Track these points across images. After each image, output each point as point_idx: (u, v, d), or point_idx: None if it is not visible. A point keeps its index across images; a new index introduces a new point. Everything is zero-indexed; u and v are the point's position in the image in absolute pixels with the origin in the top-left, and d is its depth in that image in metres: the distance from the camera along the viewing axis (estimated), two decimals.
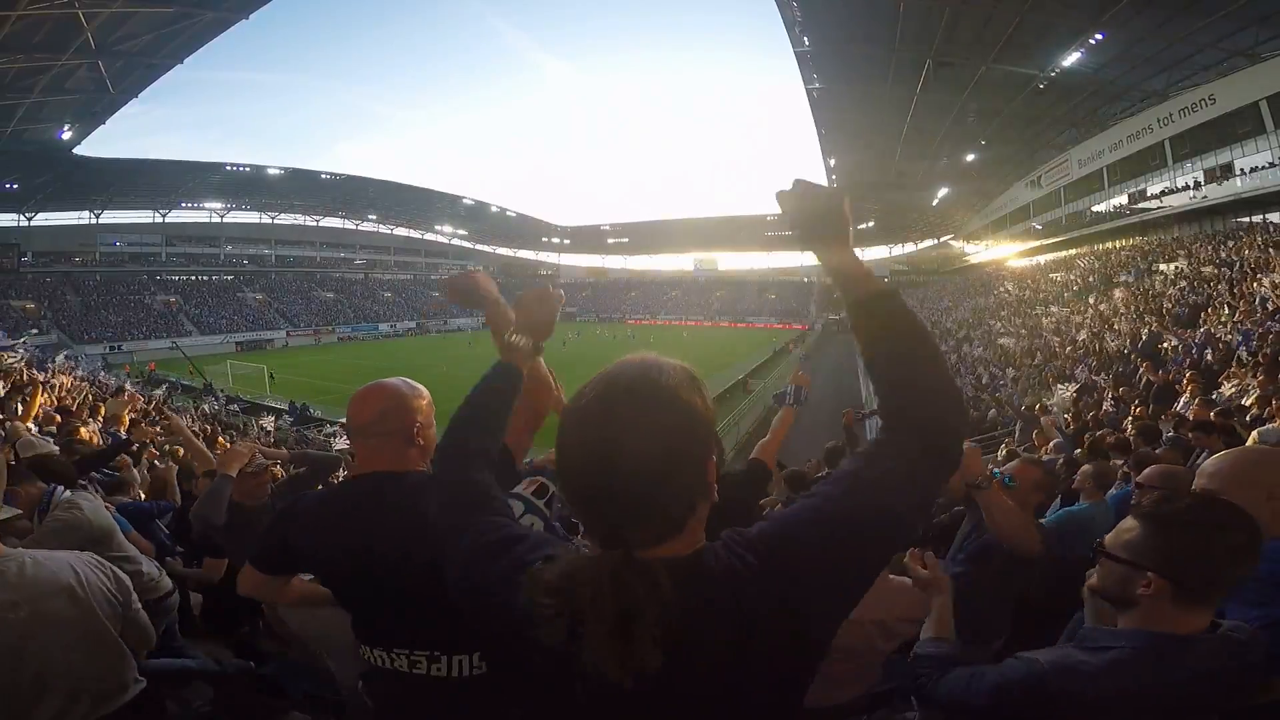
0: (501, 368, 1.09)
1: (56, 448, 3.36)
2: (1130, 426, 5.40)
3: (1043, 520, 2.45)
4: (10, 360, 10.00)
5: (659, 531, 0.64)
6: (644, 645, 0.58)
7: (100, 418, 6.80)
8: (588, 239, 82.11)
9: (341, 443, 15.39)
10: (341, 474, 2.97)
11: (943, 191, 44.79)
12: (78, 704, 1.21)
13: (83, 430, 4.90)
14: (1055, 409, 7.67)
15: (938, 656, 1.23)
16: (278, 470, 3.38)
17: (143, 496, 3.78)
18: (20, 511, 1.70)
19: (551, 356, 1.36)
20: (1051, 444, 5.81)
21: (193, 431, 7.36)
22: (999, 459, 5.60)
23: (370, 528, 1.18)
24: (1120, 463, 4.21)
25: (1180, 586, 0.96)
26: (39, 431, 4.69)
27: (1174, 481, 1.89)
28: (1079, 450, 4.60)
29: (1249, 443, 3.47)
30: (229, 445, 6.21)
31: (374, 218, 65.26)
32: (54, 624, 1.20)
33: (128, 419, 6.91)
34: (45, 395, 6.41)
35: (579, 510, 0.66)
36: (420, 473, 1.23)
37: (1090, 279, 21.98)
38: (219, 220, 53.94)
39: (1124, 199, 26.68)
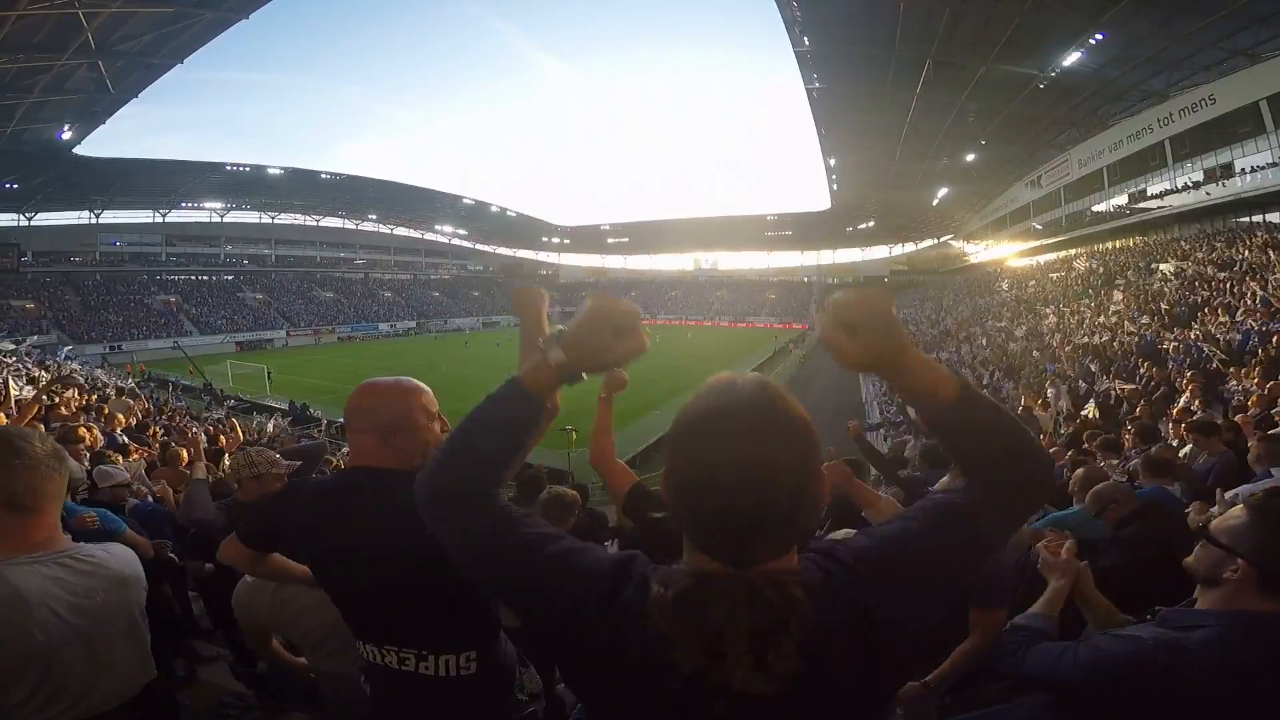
0: (509, 387, 0.84)
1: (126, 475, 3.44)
2: (1129, 426, 5.40)
3: (1035, 523, 2.45)
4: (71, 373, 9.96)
5: (789, 544, 0.66)
6: (787, 657, 0.60)
7: (103, 418, 6.80)
8: (588, 239, 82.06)
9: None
10: (338, 463, 3.02)
11: (943, 191, 44.77)
12: (123, 683, 1.28)
13: (82, 432, 4.89)
14: (1051, 404, 7.66)
15: (1034, 629, 1.28)
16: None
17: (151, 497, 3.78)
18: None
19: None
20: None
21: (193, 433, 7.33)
22: None
23: (358, 524, 1.18)
24: (1116, 462, 4.21)
25: (1265, 575, 1.04)
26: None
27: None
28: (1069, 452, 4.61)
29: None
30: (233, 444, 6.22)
31: (374, 218, 65.23)
32: (118, 611, 1.26)
33: (128, 421, 6.92)
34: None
35: (707, 527, 0.65)
36: (398, 471, 1.21)
37: (1090, 279, 21.98)
38: (219, 220, 53.93)
39: (1124, 199, 26.68)
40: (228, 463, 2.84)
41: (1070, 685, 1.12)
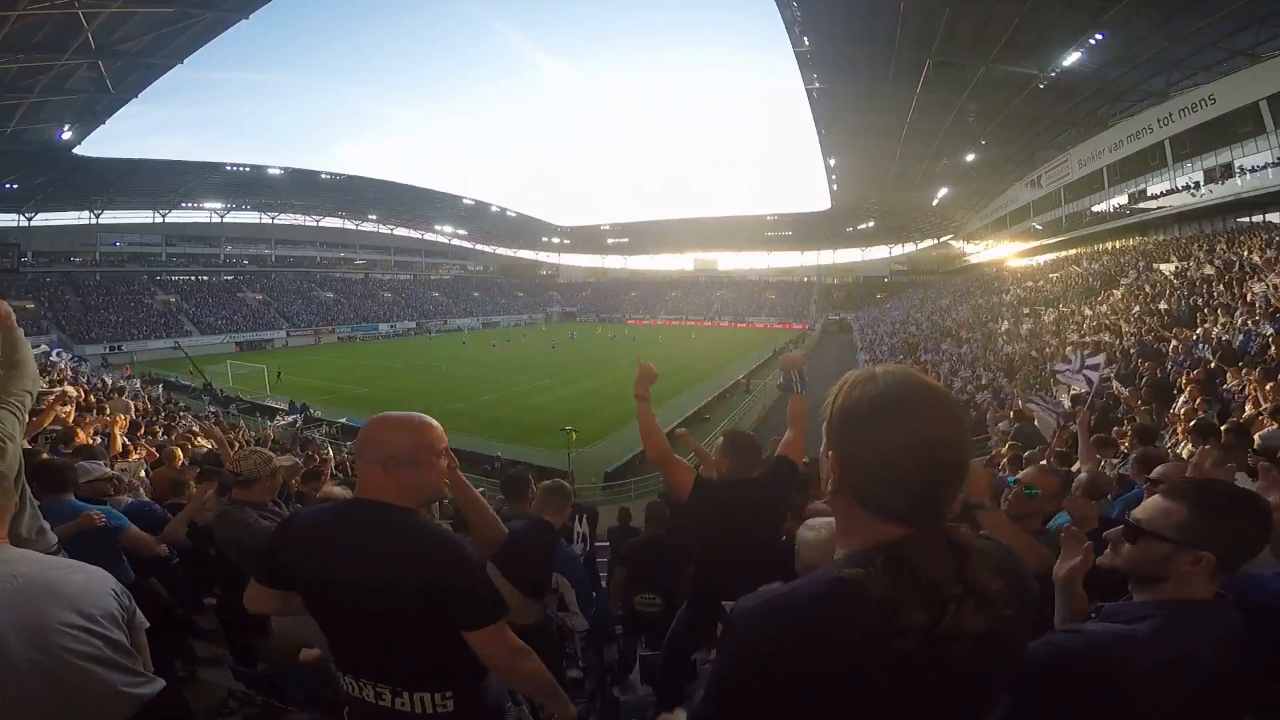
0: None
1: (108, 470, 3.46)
2: (1128, 426, 5.40)
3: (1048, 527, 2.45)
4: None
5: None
6: (999, 592, 0.69)
7: (103, 418, 6.79)
8: (587, 239, 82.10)
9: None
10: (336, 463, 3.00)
11: (943, 191, 44.79)
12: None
13: (80, 434, 4.89)
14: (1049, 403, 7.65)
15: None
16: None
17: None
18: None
19: (548, 357, 1.36)
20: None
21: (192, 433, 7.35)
22: (1002, 459, 5.59)
23: (344, 557, 1.19)
24: (1115, 461, 4.21)
25: (1223, 561, 1.10)
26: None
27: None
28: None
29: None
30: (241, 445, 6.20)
31: (374, 218, 65.27)
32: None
33: (126, 421, 6.91)
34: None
35: (933, 493, 0.72)
36: (394, 508, 1.22)
37: (1090, 279, 21.98)
38: (219, 220, 53.96)
39: (1124, 199, 26.69)
40: (235, 458, 2.77)
41: (1032, 683, 1.08)
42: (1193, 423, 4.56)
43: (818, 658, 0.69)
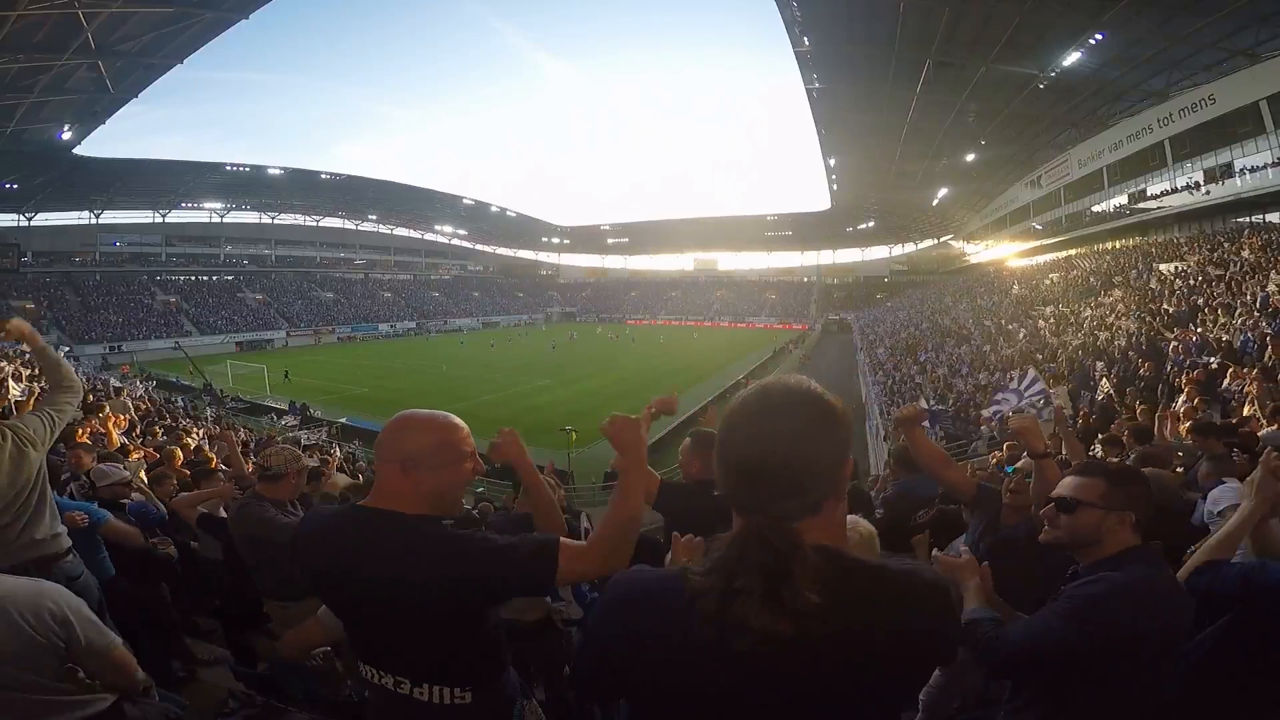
0: None
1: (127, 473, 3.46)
2: (1125, 426, 5.40)
3: None
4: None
5: (799, 506, 0.74)
6: (795, 595, 0.66)
7: (102, 416, 6.79)
8: (587, 239, 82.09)
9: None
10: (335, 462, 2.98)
11: (943, 191, 44.79)
12: None
13: (79, 432, 4.89)
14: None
15: (991, 618, 1.46)
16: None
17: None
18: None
19: (548, 357, 1.35)
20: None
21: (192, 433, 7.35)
22: (1001, 459, 5.60)
23: (355, 555, 1.17)
24: (1116, 460, 4.22)
25: (1138, 520, 1.37)
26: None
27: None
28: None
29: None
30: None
31: (374, 218, 65.27)
32: None
33: (125, 421, 6.92)
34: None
35: (738, 484, 0.76)
36: (417, 515, 1.17)
37: (1090, 279, 21.96)
38: (219, 220, 53.96)
39: (1124, 199, 26.69)
40: (266, 453, 2.70)
41: (1067, 642, 1.28)
42: (1189, 422, 4.56)
43: (642, 632, 0.76)
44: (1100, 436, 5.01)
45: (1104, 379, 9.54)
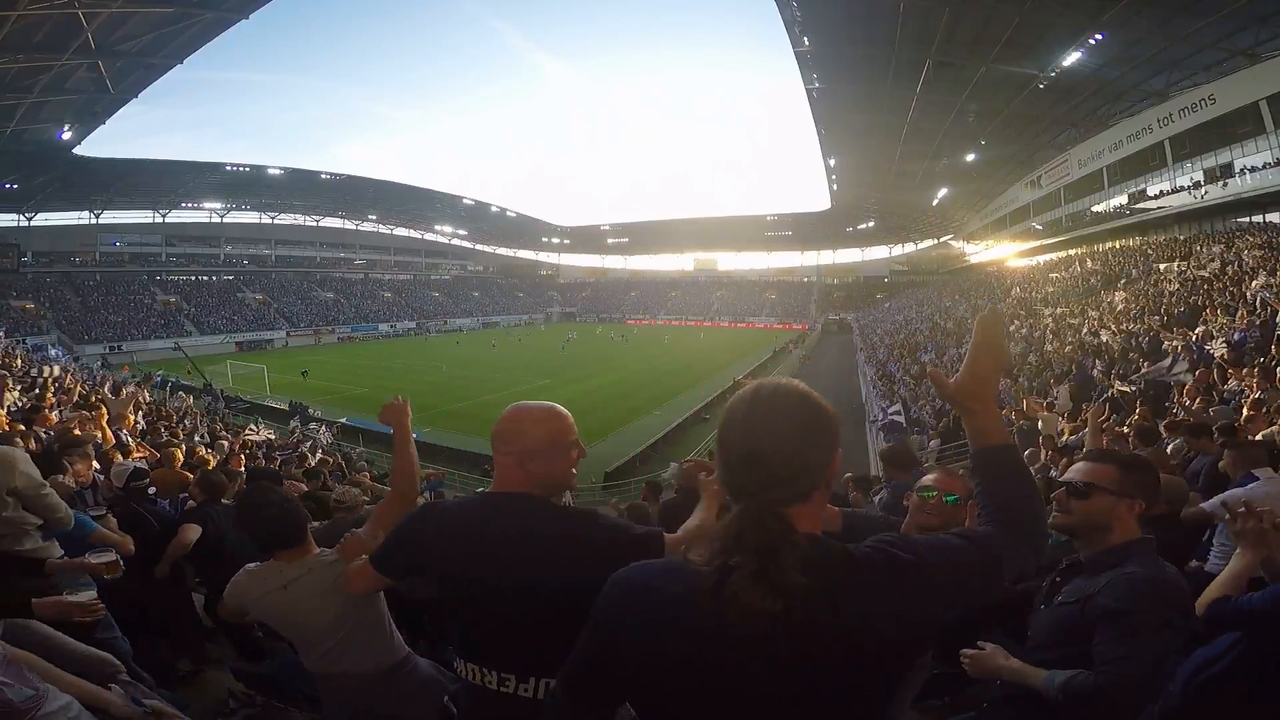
0: None
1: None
2: (1128, 427, 5.40)
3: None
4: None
5: (791, 494, 0.79)
6: (785, 573, 0.70)
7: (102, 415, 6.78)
8: (587, 239, 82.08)
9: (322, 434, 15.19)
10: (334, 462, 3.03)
11: (943, 191, 44.77)
12: None
13: (76, 430, 4.88)
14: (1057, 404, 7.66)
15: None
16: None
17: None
18: None
19: (548, 358, 1.35)
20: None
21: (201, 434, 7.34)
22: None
23: (491, 553, 1.19)
24: None
25: (1148, 507, 1.43)
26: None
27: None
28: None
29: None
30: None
31: (374, 218, 65.25)
32: None
33: (131, 418, 6.92)
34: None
35: (736, 472, 0.81)
36: (533, 498, 1.23)
37: (1090, 279, 21.96)
38: (219, 220, 53.95)
39: (1124, 199, 26.68)
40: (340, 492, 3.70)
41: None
42: (1188, 423, 4.57)
43: (644, 621, 0.79)
44: (1163, 423, 5.01)
45: (1114, 379, 9.51)
